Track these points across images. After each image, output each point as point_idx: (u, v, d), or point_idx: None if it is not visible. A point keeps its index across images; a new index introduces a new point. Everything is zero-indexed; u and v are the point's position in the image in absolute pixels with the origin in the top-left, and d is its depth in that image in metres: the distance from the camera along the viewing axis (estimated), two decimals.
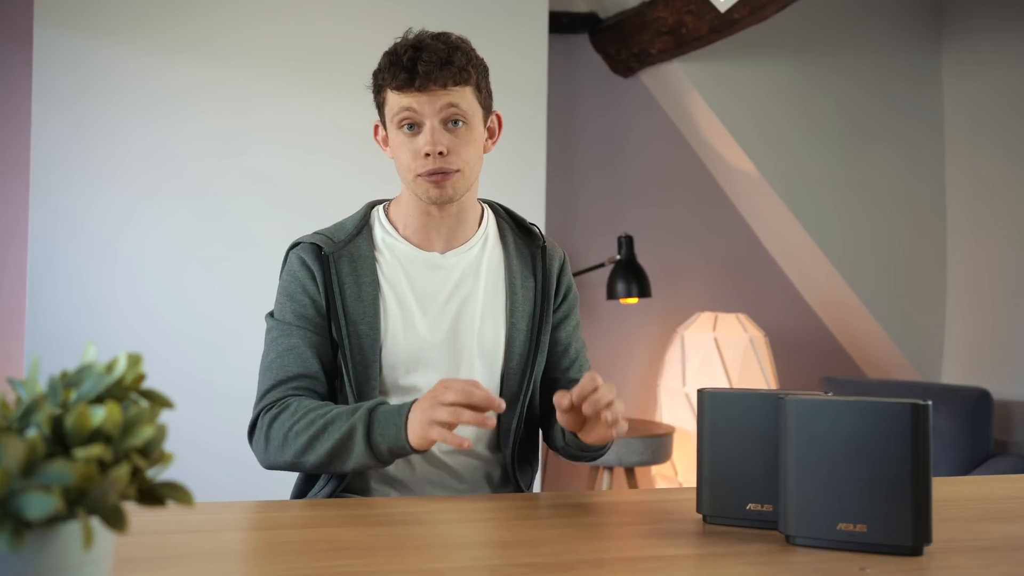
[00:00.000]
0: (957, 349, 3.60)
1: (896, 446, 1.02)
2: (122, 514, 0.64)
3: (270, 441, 1.38)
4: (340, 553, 1.01)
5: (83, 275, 2.66)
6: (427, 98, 1.42)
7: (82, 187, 2.67)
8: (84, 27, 2.66)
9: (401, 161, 1.47)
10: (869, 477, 1.03)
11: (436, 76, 1.41)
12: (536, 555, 1.00)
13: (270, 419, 1.39)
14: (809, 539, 1.06)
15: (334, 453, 1.33)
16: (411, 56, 1.43)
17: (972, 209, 3.57)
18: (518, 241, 1.58)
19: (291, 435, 1.36)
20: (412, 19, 2.96)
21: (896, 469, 1.02)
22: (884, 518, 1.02)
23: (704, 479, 1.17)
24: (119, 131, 2.70)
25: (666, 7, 3.18)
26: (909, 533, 1.02)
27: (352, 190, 2.81)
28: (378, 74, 1.49)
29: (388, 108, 1.48)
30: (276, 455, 1.38)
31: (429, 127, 1.43)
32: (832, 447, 1.04)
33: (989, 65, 3.48)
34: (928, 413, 1.03)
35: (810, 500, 1.05)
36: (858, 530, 1.03)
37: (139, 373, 0.70)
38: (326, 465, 1.35)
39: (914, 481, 1.02)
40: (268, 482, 2.70)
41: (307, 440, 1.34)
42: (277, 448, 1.37)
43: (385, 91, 1.48)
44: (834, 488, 1.04)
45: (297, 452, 1.35)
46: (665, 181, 3.70)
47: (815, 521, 1.05)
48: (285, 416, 1.38)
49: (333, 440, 1.33)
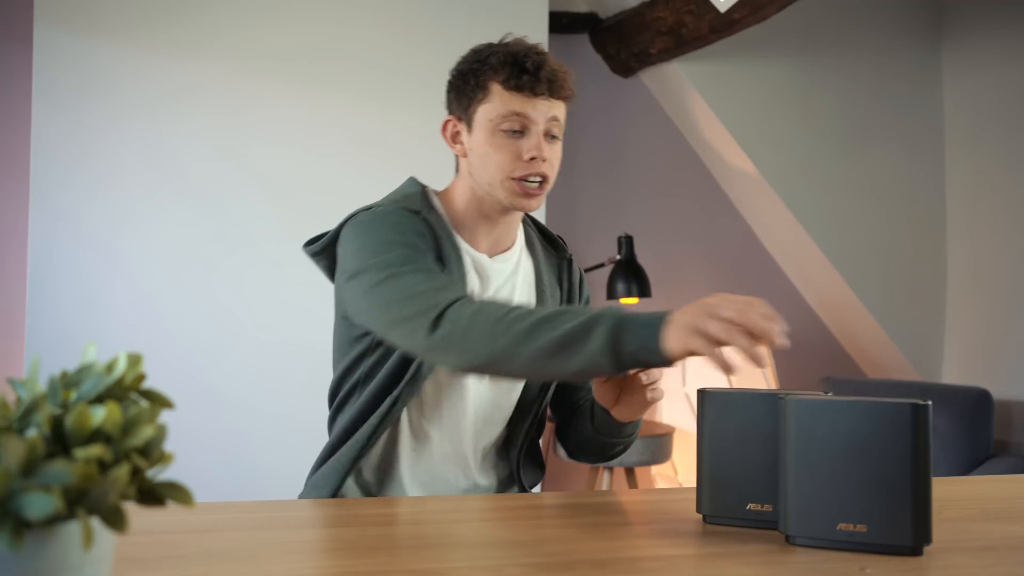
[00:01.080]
0: (957, 349, 3.60)
1: (896, 446, 1.02)
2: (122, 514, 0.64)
3: (472, 329, 1.20)
4: (340, 553, 1.01)
5: (83, 275, 2.66)
6: (541, 105, 1.41)
7: (82, 187, 2.67)
8: (84, 27, 2.66)
9: (492, 162, 1.42)
10: (869, 477, 1.03)
11: (555, 87, 1.41)
12: (536, 555, 1.00)
13: (473, 310, 1.22)
14: (809, 539, 1.06)
15: (562, 344, 1.15)
16: (535, 61, 1.40)
17: (972, 209, 3.57)
18: (546, 251, 1.60)
19: (505, 322, 1.18)
20: (413, 19, 2.97)
21: (896, 469, 1.02)
22: (884, 518, 1.03)
23: (704, 479, 1.16)
24: (119, 131, 2.70)
25: (666, 7, 3.18)
26: (909, 533, 1.02)
27: (353, 190, 2.81)
28: (482, 69, 1.42)
29: (490, 106, 1.42)
30: (479, 345, 1.19)
31: (536, 133, 1.42)
32: (832, 447, 1.04)
33: (989, 65, 3.48)
34: (928, 413, 1.03)
35: (810, 500, 1.05)
36: (858, 530, 1.03)
37: (139, 373, 0.70)
38: (543, 359, 1.16)
39: (914, 481, 1.02)
40: (268, 482, 2.70)
41: (529, 327, 1.17)
42: (482, 337, 1.19)
43: (490, 87, 1.42)
44: (834, 488, 1.04)
45: (511, 341, 1.17)
46: (665, 181, 3.70)
47: (815, 521, 1.05)
48: (493, 308, 1.22)
49: (563, 329, 1.15)
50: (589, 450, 1.58)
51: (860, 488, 1.03)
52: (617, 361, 1.13)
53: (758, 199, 3.61)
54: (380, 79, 2.91)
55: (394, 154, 2.90)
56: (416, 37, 2.95)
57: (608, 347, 1.12)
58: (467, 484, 1.51)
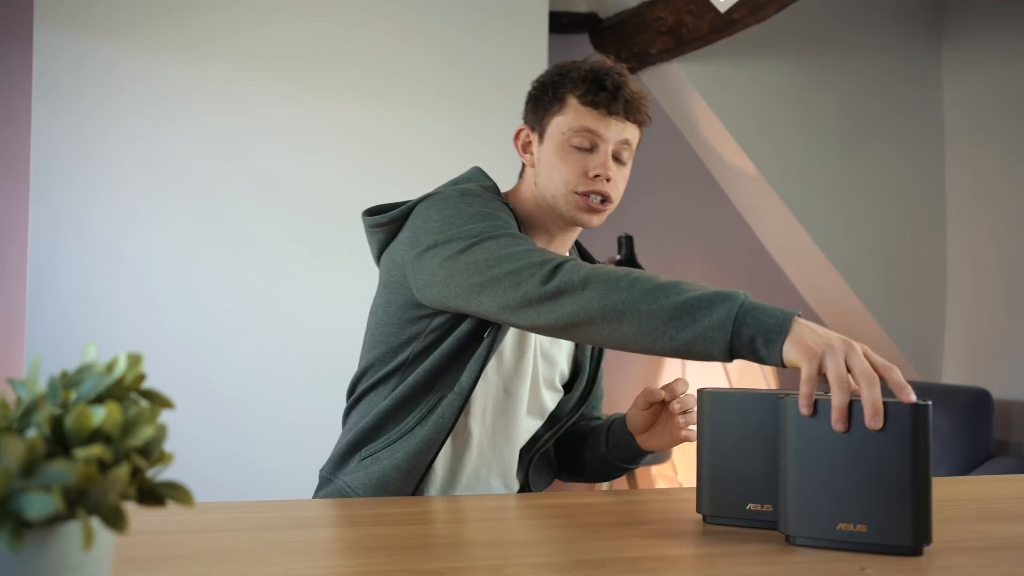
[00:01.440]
0: (957, 349, 3.60)
1: (896, 446, 1.02)
2: (122, 514, 0.64)
3: (590, 281, 1.17)
4: (340, 553, 1.01)
5: (83, 275, 2.66)
6: (614, 124, 1.42)
7: (82, 187, 2.67)
8: (84, 27, 2.66)
9: (559, 173, 1.43)
10: (869, 477, 1.03)
11: (631, 109, 1.42)
12: (536, 555, 1.00)
13: (592, 267, 1.20)
14: (809, 539, 1.06)
15: (682, 309, 1.11)
16: (615, 81, 1.41)
17: (972, 209, 3.57)
18: None
19: (627, 279, 1.16)
20: (413, 20, 2.97)
21: (896, 469, 1.02)
22: (884, 518, 1.02)
23: (704, 479, 1.16)
24: (119, 131, 2.70)
25: (666, 7, 3.18)
26: (909, 533, 1.02)
27: (353, 190, 2.82)
28: (562, 82, 1.44)
29: (564, 118, 1.43)
30: (595, 297, 1.16)
31: (604, 151, 1.42)
32: (832, 447, 1.04)
33: (989, 65, 3.48)
34: (928, 413, 1.03)
35: (810, 500, 1.05)
36: (858, 530, 1.03)
37: (139, 373, 0.70)
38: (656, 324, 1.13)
39: (914, 481, 1.01)
40: (268, 482, 2.70)
41: (652, 287, 1.14)
42: (600, 290, 1.16)
43: (568, 99, 1.43)
44: (834, 488, 1.04)
45: (631, 297, 1.14)
46: (665, 181, 3.70)
47: (815, 521, 1.05)
48: (612, 268, 1.20)
49: (688, 296, 1.12)
50: (588, 471, 1.60)
51: (860, 488, 1.03)
52: (731, 343, 1.09)
53: (758, 199, 3.61)
54: (381, 79, 2.91)
55: (394, 154, 2.90)
56: (416, 37, 2.95)
57: (729, 325, 1.08)
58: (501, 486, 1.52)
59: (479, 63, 2.98)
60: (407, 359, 1.41)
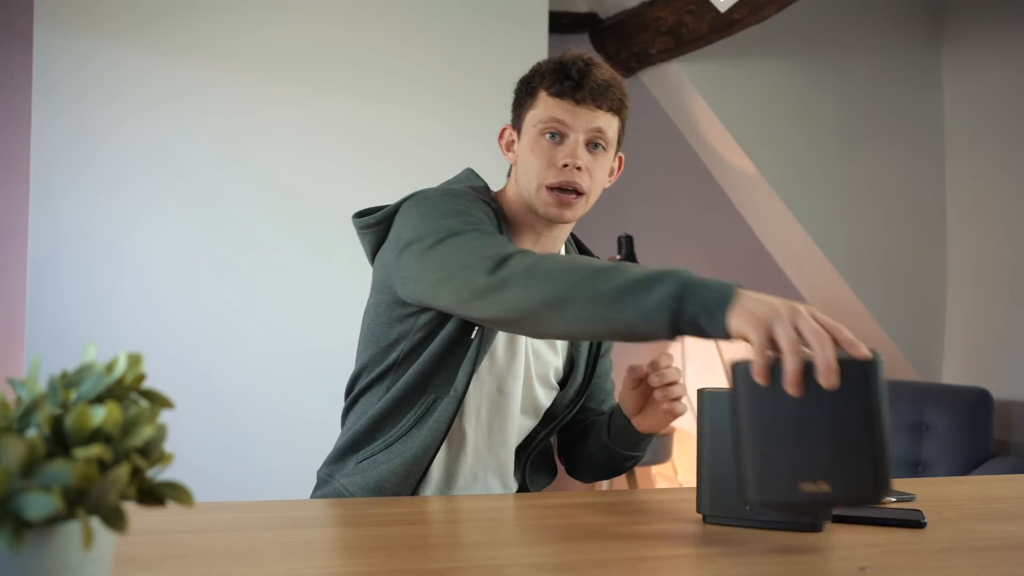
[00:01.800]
0: (957, 349, 3.60)
1: (850, 401, 1.01)
2: (122, 514, 0.64)
3: (533, 271, 1.16)
4: (340, 553, 1.01)
5: (83, 275, 2.66)
6: (582, 113, 1.41)
7: (82, 187, 2.67)
8: (85, 28, 2.66)
9: (531, 167, 1.43)
10: (826, 435, 1.02)
11: (597, 96, 1.41)
12: (536, 555, 1.00)
13: (537, 257, 1.19)
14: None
15: (623, 291, 1.10)
16: (580, 70, 1.41)
17: (972, 209, 3.57)
18: None
19: (566, 268, 1.15)
20: (413, 21, 2.97)
21: (852, 424, 1.01)
22: (844, 473, 1.02)
23: (704, 479, 1.16)
24: (119, 132, 2.70)
25: (666, 7, 3.18)
26: (870, 484, 1.01)
27: (353, 191, 2.82)
28: (533, 77, 1.46)
29: (535, 112, 1.44)
30: (537, 287, 1.15)
31: (573, 140, 1.42)
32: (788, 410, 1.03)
33: (989, 65, 3.48)
34: (878, 366, 1.01)
35: (770, 464, 1.03)
36: (820, 488, 1.02)
37: (139, 373, 0.70)
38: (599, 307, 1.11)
39: (870, 433, 1.01)
40: (270, 481, 2.70)
41: (593, 272, 1.13)
42: (542, 279, 1.15)
43: (538, 93, 1.44)
44: (793, 449, 1.03)
45: (572, 284, 1.13)
46: (665, 181, 3.70)
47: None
48: (558, 256, 1.19)
49: (628, 277, 1.10)
50: (595, 464, 1.58)
51: (818, 447, 1.02)
52: (675, 320, 1.07)
53: (758, 199, 3.61)
54: (380, 80, 2.91)
55: (394, 155, 2.90)
56: (416, 38, 2.95)
57: (670, 303, 1.06)
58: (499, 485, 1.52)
59: (479, 64, 2.98)
60: (398, 359, 1.42)
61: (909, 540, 1.10)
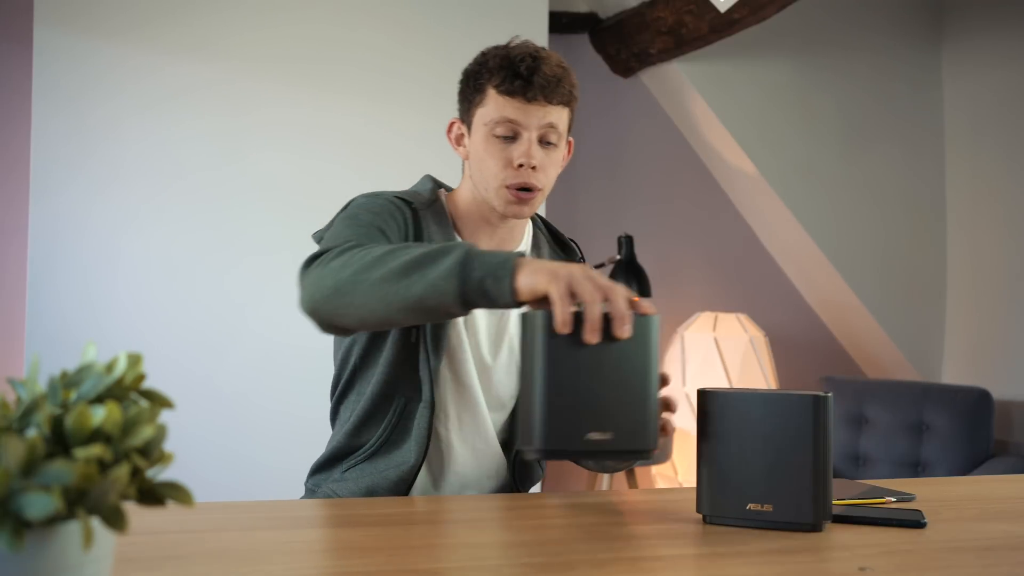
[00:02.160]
0: (957, 349, 3.60)
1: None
2: (122, 514, 0.64)
3: (328, 264, 1.19)
4: (340, 553, 1.01)
5: (83, 275, 2.66)
6: (534, 111, 1.39)
7: (82, 187, 2.67)
8: (84, 27, 2.66)
9: (487, 168, 1.42)
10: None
11: (548, 92, 1.39)
12: (536, 555, 1.00)
13: (340, 249, 1.22)
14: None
15: (409, 266, 1.12)
16: (529, 66, 1.38)
17: (972, 209, 3.57)
18: (554, 255, 1.58)
19: (359, 254, 1.17)
20: (413, 21, 2.97)
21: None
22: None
23: (704, 479, 1.17)
24: (119, 131, 2.70)
25: (666, 7, 3.18)
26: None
27: (353, 192, 2.81)
28: (480, 72, 1.43)
29: (484, 110, 1.42)
30: (329, 276, 1.18)
31: (527, 139, 1.40)
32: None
33: (989, 65, 3.48)
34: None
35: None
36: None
37: (139, 373, 0.70)
38: (388, 282, 1.13)
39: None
40: (269, 481, 2.70)
41: (382, 254, 1.15)
42: (335, 269, 1.18)
43: (487, 90, 1.42)
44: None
45: (360, 267, 1.15)
46: (665, 181, 3.70)
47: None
48: (356, 248, 1.21)
49: (414, 254, 1.13)
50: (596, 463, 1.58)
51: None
52: (462, 288, 1.08)
53: (758, 199, 3.61)
54: (380, 81, 2.91)
55: (395, 156, 2.90)
56: (416, 39, 2.95)
57: (456, 271, 1.09)
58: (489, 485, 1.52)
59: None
60: (357, 363, 1.46)
61: (909, 540, 1.11)
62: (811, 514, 1.11)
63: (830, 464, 1.13)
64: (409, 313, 1.15)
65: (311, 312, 1.22)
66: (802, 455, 1.11)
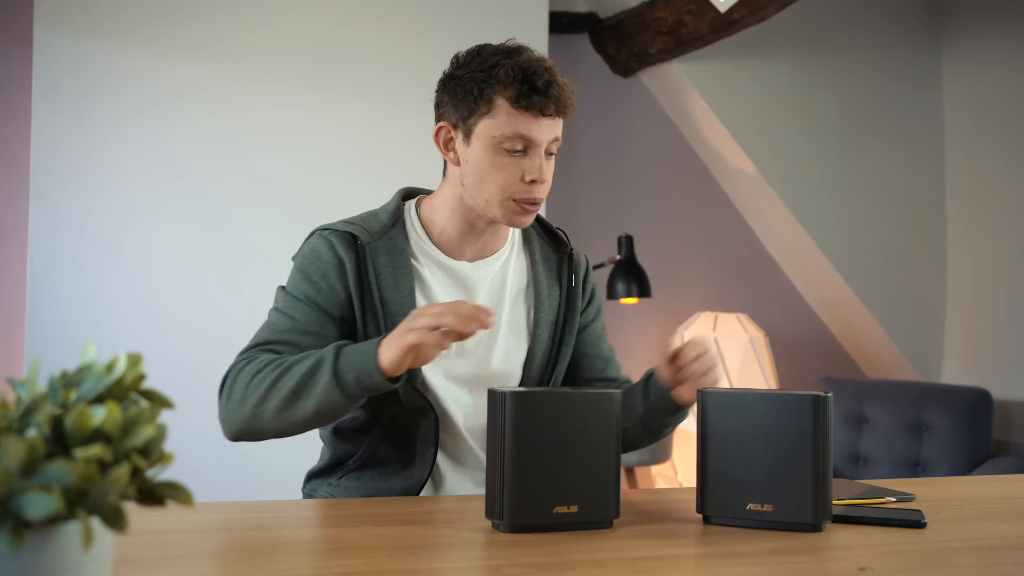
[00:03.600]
0: (957, 349, 3.60)
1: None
2: (122, 514, 0.64)
3: (232, 397, 1.31)
4: (340, 553, 1.01)
5: (83, 275, 2.66)
6: (547, 125, 1.38)
7: (82, 187, 2.67)
8: (84, 27, 2.66)
9: (492, 180, 1.38)
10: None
11: (562, 106, 1.38)
12: (536, 555, 1.01)
13: (235, 374, 1.34)
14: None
15: (296, 391, 1.25)
16: (546, 80, 1.35)
17: (972, 209, 3.57)
18: (545, 248, 1.56)
19: (254, 383, 1.29)
20: (413, 21, 2.96)
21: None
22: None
23: (704, 479, 1.17)
24: (119, 132, 2.70)
25: (666, 7, 3.18)
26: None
27: (353, 192, 2.82)
28: (488, 81, 1.36)
29: (493, 121, 1.36)
30: (237, 411, 1.30)
31: (538, 154, 1.38)
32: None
33: (989, 65, 3.48)
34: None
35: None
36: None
37: (139, 373, 0.70)
38: (285, 409, 1.27)
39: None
40: (269, 481, 2.70)
41: (270, 384, 1.28)
42: (238, 402, 1.30)
43: (496, 100, 1.36)
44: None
45: (257, 401, 1.28)
46: (665, 181, 3.70)
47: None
48: (250, 367, 1.32)
49: (296, 378, 1.26)
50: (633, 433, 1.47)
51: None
52: (345, 392, 1.24)
53: (758, 199, 3.61)
54: (380, 81, 2.91)
55: (394, 156, 2.90)
56: (416, 39, 2.95)
57: (332, 381, 1.24)
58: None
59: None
60: None
61: (909, 540, 1.11)
62: (811, 514, 1.11)
63: (830, 464, 1.13)
64: (317, 422, 1.31)
65: (235, 440, 1.34)
66: (802, 455, 1.11)
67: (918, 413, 3.13)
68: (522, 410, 1.09)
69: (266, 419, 1.28)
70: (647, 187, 3.68)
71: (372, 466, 1.46)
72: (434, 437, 1.42)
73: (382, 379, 1.22)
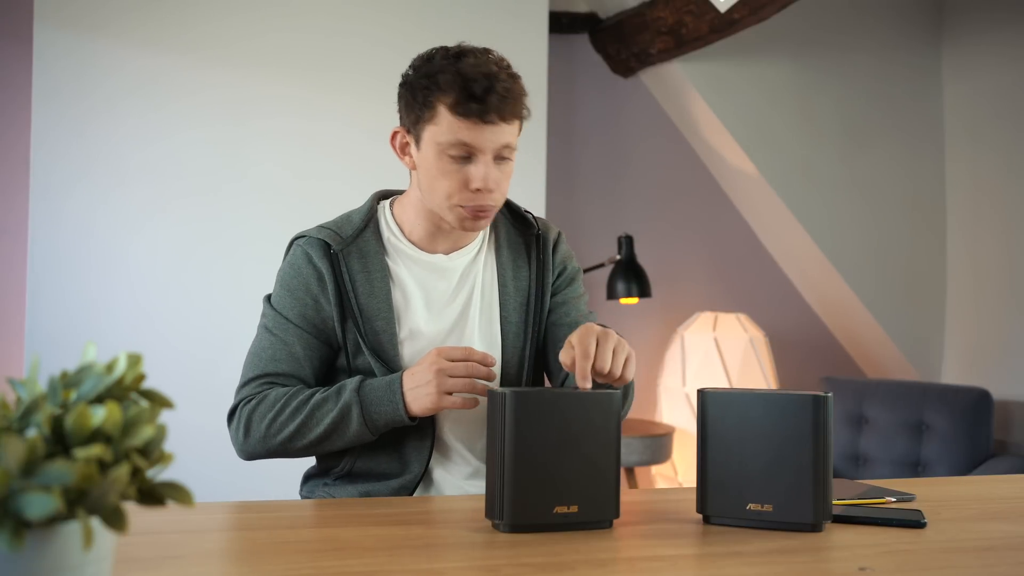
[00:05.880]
0: (957, 349, 3.60)
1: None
2: (122, 514, 0.64)
3: (251, 433, 1.41)
4: (340, 553, 1.01)
5: (83, 275, 2.66)
6: (489, 132, 1.35)
7: (82, 187, 2.67)
8: (85, 28, 2.66)
9: (440, 186, 1.38)
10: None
11: (504, 111, 1.35)
12: (536, 555, 1.01)
13: (249, 411, 1.42)
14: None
15: (327, 435, 1.39)
16: (484, 86, 1.33)
17: (972, 209, 3.57)
18: (511, 231, 1.56)
19: (276, 425, 1.39)
20: (414, 24, 2.96)
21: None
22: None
23: (704, 479, 1.17)
24: (119, 132, 2.70)
25: (666, 7, 3.18)
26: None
27: (353, 193, 2.81)
28: (429, 88, 1.36)
29: (436, 128, 1.36)
30: (259, 445, 1.41)
31: (483, 162, 1.37)
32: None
33: (989, 65, 3.48)
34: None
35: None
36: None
37: (139, 373, 0.70)
38: (314, 446, 1.41)
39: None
40: (269, 481, 2.70)
41: (296, 427, 1.39)
42: (259, 439, 1.41)
43: (437, 107, 1.35)
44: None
45: (285, 440, 1.40)
46: (665, 181, 3.70)
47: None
48: (264, 406, 1.40)
49: (325, 424, 1.38)
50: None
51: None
52: (375, 432, 1.39)
53: (758, 199, 3.61)
54: (380, 82, 2.90)
55: (395, 159, 2.88)
56: (416, 39, 2.92)
57: (362, 429, 1.37)
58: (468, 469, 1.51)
59: None
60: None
61: (909, 540, 1.11)
62: (811, 514, 1.11)
63: (830, 464, 1.13)
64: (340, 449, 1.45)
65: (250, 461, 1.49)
66: (802, 455, 1.11)
67: (918, 413, 3.13)
68: (522, 410, 1.10)
69: (290, 452, 1.42)
70: (647, 187, 3.68)
71: (366, 466, 1.46)
72: (430, 435, 1.44)
73: (410, 420, 1.38)
